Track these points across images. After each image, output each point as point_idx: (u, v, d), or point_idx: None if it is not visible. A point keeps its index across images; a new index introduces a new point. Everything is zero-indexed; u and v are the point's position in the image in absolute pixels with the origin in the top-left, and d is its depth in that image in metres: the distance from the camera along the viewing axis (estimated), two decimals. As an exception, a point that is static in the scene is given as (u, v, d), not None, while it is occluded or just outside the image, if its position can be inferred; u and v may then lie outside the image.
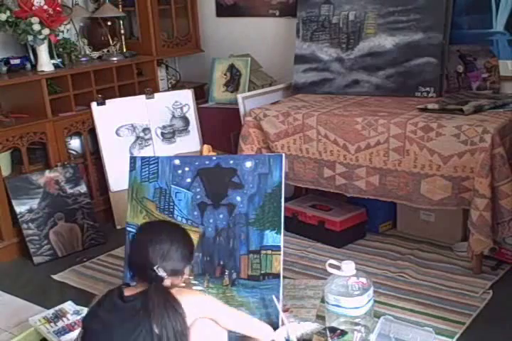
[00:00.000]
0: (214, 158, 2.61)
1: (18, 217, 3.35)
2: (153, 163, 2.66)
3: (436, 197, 2.89)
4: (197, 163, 2.60)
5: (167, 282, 2.01)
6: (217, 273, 2.52)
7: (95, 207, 3.72)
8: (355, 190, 3.12)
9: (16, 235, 3.40)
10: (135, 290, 1.97)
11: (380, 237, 3.43)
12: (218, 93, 4.11)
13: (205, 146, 2.98)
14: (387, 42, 3.48)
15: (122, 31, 4.06)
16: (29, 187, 3.40)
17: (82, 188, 3.59)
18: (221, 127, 3.85)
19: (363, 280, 2.45)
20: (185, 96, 3.93)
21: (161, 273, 1.97)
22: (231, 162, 2.53)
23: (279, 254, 2.43)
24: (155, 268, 1.96)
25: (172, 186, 2.62)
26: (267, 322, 2.35)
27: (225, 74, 4.09)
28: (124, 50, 4.06)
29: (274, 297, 2.35)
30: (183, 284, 2.15)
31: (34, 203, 3.40)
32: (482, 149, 2.72)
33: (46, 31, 3.44)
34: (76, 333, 2.56)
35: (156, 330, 1.84)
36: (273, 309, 2.37)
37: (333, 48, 3.64)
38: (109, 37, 4.05)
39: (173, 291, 1.96)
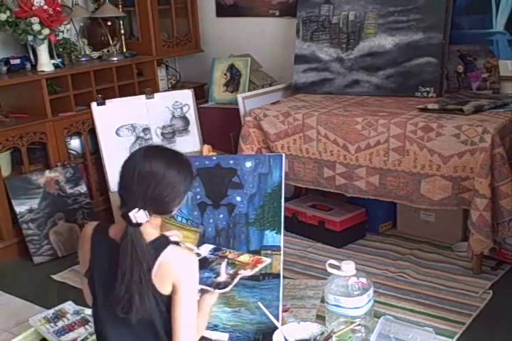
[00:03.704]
0: (214, 158, 2.61)
1: (18, 217, 3.35)
2: (153, 163, 2.66)
3: (436, 197, 2.89)
4: (197, 163, 2.60)
5: (156, 220, 1.81)
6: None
7: (95, 207, 3.72)
8: (355, 190, 3.12)
9: (16, 235, 3.39)
10: (121, 229, 1.78)
11: (380, 237, 3.44)
12: (218, 93, 4.11)
13: (205, 146, 2.98)
14: (387, 42, 3.48)
15: (122, 31, 4.06)
16: (29, 187, 3.40)
17: (82, 188, 3.59)
18: (221, 127, 3.85)
19: (363, 280, 2.45)
20: (185, 96, 3.93)
21: (138, 219, 1.73)
22: (231, 162, 2.53)
23: (279, 254, 2.42)
24: (130, 214, 1.72)
25: (172, 186, 2.61)
26: (267, 322, 2.35)
27: (225, 74, 4.09)
28: (124, 50, 4.06)
29: (260, 303, 2.34)
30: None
31: (34, 203, 3.40)
32: (482, 149, 2.72)
33: (46, 31, 3.44)
34: (76, 333, 2.57)
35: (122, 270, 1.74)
36: (273, 309, 2.37)
37: (333, 48, 3.64)
38: (109, 37, 4.05)
39: (169, 252, 1.78)
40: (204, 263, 2.24)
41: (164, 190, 1.76)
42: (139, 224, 1.74)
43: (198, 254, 2.29)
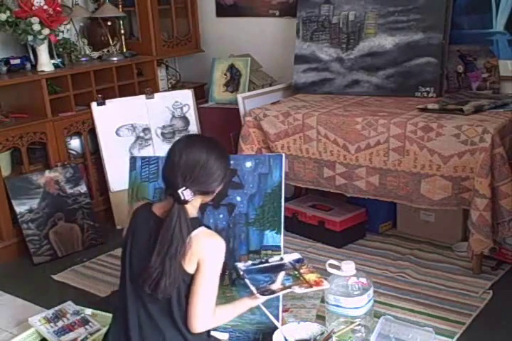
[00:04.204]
0: (214, 158, 2.61)
1: (18, 217, 3.35)
2: (154, 163, 2.66)
3: (436, 197, 2.89)
4: (197, 163, 2.60)
5: (197, 200, 1.99)
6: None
7: (95, 207, 3.73)
8: (355, 190, 3.12)
9: (16, 235, 3.39)
10: (163, 207, 1.99)
11: (380, 237, 3.44)
12: (218, 93, 4.11)
13: (205, 146, 2.97)
14: (387, 42, 3.48)
15: (122, 31, 4.07)
16: (29, 187, 3.40)
17: (82, 188, 3.59)
18: (221, 127, 3.85)
19: (363, 280, 2.45)
20: (185, 96, 3.93)
21: (186, 196, 1.90)
22: (231, 162, 2.53)
23: (279, 254, 2.42)
24: (179, 191, 1.89)
25: (172, 186, 2.61)
26: (267, 322, 2.35)
27: (225, 74, 4.09)
28: (124, 50, 4.06)
29: (260, 303, 2.34)
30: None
31: (34, 203, 3.40)
32: (482, 149, 2.72)
33: (46, 31, 3.44)
34: (76, 333, 2.57)
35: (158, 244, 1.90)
36: (272, 309, 2.37)
37: (333, 48, 3.64)
38: (109, 37, 4.05)
39: (201, 231, 1.95)
40: (277, 268, 2.27)
41: (207, 174, 1.95)
42: (186, 202, 1.91)
43: (281, 259, 2.35)
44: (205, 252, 1.93)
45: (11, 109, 3.57)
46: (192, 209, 1.99)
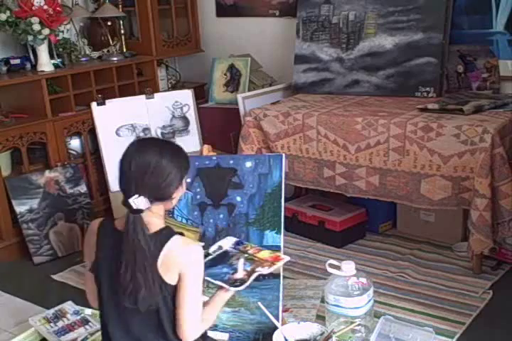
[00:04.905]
0: (214, 158, 2.61)
1: (18, 217, 3.35)
2: (153, 163, 2.66)
3: (436, 197, 2.89)
4: (197, 163, 2.60)
5: (158, 208, 1.86)
6: (217, 273, 2.51)
7: (95, 207, 3.73)
8: (355, 190, 3.12)
9: (16, 235, 3.39)
10: (123, 219, 1.84)
11: (380, 237, 3.44)
12: (218, 93, 4.11)
13: (205, 146, 2.97)
14: (387, 42, 3.48)
15: (122, 31, 4.06)
16: (29, 187, 3.40)
17: (82, 188, 3.59)
18: (221, 127, 3.85)
19: (363, 280, 2.46)
20: (185, 96, 3.92)
21: (139, 205, 1.77)
22: (231, 162, 2.53)
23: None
24: (130, 200, 1.77)
25: (172, 186, 2.61)
26: (267, 322, 2.35)
27: (225, 74, 4.09)
28: (124, 50, 4.06)
29: (260, 303, 2.34)
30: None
31: (34, 203, 3.40)
32: (482, 149, 2.72)
33: (46, 31, 3.44)
34: (76, 333, 2.57)
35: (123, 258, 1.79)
36: (273, 309, 2.37)
37: (333, 48, 3.64)
38: (109, 37, 4.05)
39: (175, 241, 1.82)
40: (224, 257, 2.21)
41: (159, 177, 1.81)
42: (139, 211, 1.78)
43: (220, 247, 2.26)
44: (184, 262, 1.82)
45: (11, 109, 3.57)
46: (156, 219, 1.86)
